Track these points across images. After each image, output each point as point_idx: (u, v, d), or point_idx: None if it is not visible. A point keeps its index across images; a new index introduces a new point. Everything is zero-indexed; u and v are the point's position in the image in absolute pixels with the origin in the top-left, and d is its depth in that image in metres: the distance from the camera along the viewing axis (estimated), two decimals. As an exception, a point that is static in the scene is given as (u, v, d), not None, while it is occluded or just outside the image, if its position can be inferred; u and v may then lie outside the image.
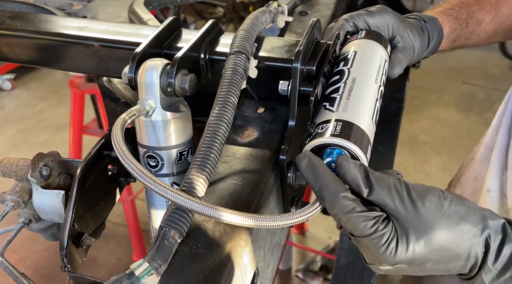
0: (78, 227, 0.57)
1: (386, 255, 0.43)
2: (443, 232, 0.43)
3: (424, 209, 0.42)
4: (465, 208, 0.44)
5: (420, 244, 0.43)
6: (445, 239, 0.43)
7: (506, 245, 0.44)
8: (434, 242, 0.43)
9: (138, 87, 0.54)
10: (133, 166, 0.42)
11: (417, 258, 0.44)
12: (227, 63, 0.52)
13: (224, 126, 0.47)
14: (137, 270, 0.38)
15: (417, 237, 0.43)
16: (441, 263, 0.45)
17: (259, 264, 0.49)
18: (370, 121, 0.51)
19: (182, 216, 0.42)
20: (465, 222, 0.43)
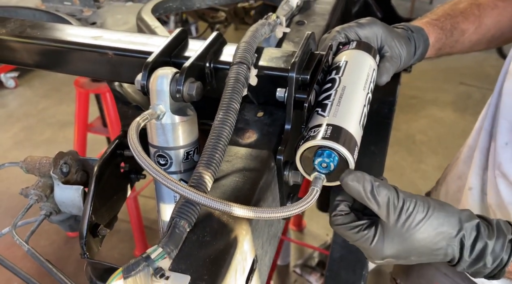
0: (94, 219, 0.63)
1: (373, 253, 0.54)
2: (424, 235, 0.52)
3: (408, 221, 0.52)
4: (444, 213, 0.53)
5: (403, 245, 0.53)
6: (425, 240, 0.53)
7: (479, 241, 0.53)
8: (415, 243, 0.53)
9: (149, 93, 0.60)
10: (148, 165, 0.48)
11: (401, 254, 0.54)
12: (230, 72, 0.58)
13: (227, 129, 0.54)
14: (153, 254, 0.44)
15: (400, 240, 0.52)
16: (423, 257, 0.54)
17: (258, 252, 0.55)
18: (357, 126, 0.57)
19: (191, 208, 0.48)
20: (443, 226, 0.53)
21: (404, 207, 0.52)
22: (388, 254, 0.53)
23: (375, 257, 0.54)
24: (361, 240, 0.54)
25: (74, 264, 2.35)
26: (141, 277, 0.43)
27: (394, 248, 0.53)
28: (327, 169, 0.53)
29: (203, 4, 1.12)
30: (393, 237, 0.52)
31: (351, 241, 0.55)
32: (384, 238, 0.53)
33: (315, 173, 0.54)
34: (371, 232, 0.53)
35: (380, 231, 0.53)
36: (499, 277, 0.55)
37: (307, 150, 0.54)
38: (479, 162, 0.85)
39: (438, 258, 0.54)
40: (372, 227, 0.53)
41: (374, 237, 0.53)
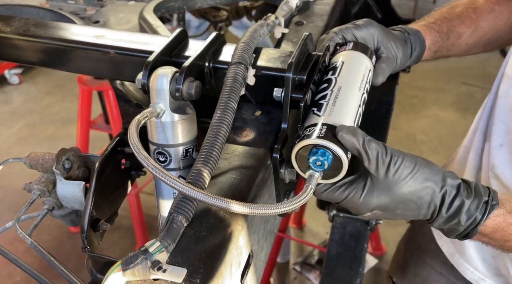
0: (95, 214, 0.65)
1: (362, 205, 0.57)
2: (410, 189, 0.55)
3: (397, 174, 0.55)
4: (430, 170, 0.56)
5: (391, 197, 0.56)
6: (411, 194, 0.56)
7: (457, 199, 0.56)
8: (401, 196, 0.56)
9: (150, 92, 0.62)
10: (146, 161, 0.50)
11: (388, 207, 0.57)
12: (228, 72, 0.60)
13: (225, 128, 0.55)
14: (151, 247, 0.46)
15: (388, 193, 0.55)
16: (408, 211, 0.58)
17: (254, 247, 0.57)
18: (352, 125, 0.59)
19: (188, 204, 0.49)
20: (428, 181, 0.56)
21: (392, 161, 0.54)
22: (376, 206, 0.56)
23: (364, 209, 0.57)
24: (350, 196, 0.56)
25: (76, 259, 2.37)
26: (139, 269, 0.45)
27: (382, 200, 0.56)
28: (321, 167, 0.55)
29: (204, 4, 1.14)
30: (382, 190, 0.55)
31: (339, 201, 0.58)
32: (374, 190, 0.55)
33: (310, 171, 0.55)
34: (359, 186, 0.56)
35: (370, 184, 0.56)
36: (471, 236, 0.59)
37: (302, 148, 0.56)
38: (474, 163, 0.86)
39: (422, 213, 0.57)
40: (359, 183, 0.56)
41: (363, 190, 0.56)
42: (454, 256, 0.93)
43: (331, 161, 0.54)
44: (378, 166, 0.54)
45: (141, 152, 0.50)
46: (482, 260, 0.89)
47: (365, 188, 0.56)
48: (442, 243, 0.96)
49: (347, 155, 0.55)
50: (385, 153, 0.55)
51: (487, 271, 0.89)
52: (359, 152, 0.54)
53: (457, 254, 0.92)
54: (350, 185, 0.57)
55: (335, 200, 0.58)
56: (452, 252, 0.93)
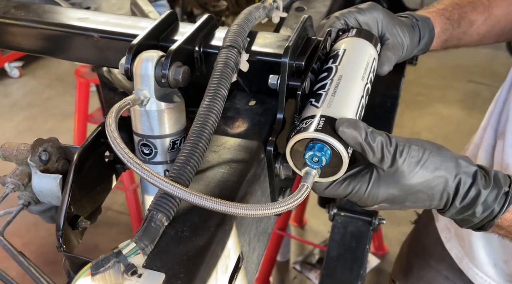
0: (74, 210, 0.59)
1: (369, 199, 0.52)
2: (419, 180, 0.50)
3: (404, 165, 0.50)
4: (441, 157, 0.51)
5: (399, 190, 0.51)
6: (421, 185, 0.51)
7: (473, 188, 0.51)
8: (410, 188, 0.51)
9: (133, 78, 0.57)
10: (123, 153, 0.44)
11: (396, 199, 0.52)
12: (219, 56, 0.54)
13: (213, 117, 0.50)
14: (125, 249, 0.41)
15: (396, 185, 0.51)
16: (418, 202, 0.53)
17: (244, 249, 0.52)
18: (353, 118, 0.53)
19: (170, 201, 0.44)
20: (440, 170, 0.51)
21: (397, 151, 0.50)
22: (384, 199, 0.52)
23: (371, 202, 0.53)
24: (354, 190, 0.52)
25: (72, 255, 2.33)
26: (110, 274, 0.40)
27: (390, 193, 0.51)
28: (318, 164, 0.49)
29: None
30: (389, 182, 0.51)
31: (344, 196, 0.53)
32: (380, 183, 0.51)
33: (306, 168, 0.50)
34: (364, 179, 0.52)
35: (376, 176, 0.51)
36: (487, 228, 0.54)
37: (298, 143, 0.50)
38: (484, 161, 0.81)
39: (433, 204, 0.53)
40: (364, 175, 0.52)
41: (369, 183, 0.51)
42: (463, 261, 0.88)
43: (330, 157, 0.49)
44: (384, 158, 0.50)
45: (117, 141, 0.45)
46: (493, 265, 0.83)
47: (370, 181, 0.51)
48: (450, 247, 0.90)
49: (347, 151, 0.50)
50: (389, 143, 0.50)
51: (498, 276, 0.84)
52: (362, 147, 0.49)
53: (466, 258, 0.87)
54: (354, 179, 0.52)
55: (338, 195, 0.54)
56: (461, 256, 0.88)
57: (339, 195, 0.53)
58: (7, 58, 3.97)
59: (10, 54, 3.98)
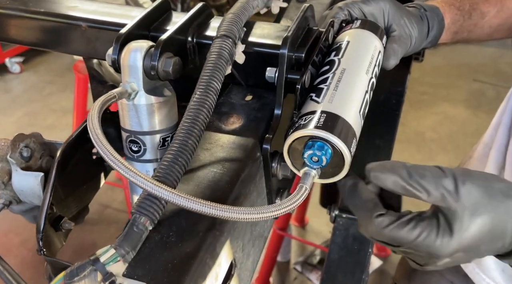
0: (57, 210, 0.56)
1: (441, 249, 0.43)
2: (491, 213, 0.43)
3: (470, 196, 0.42)
4: (506, 184, 0.44)
5: (473, 231, 0.43)
6: (494, 218, 0.43)
7: None
8: (486, 226, 0.43)
9: (121, 69, 0.53)
10: (104, 149, 0.41)
11: (472, 245, 0.43)
12: (212, 47, 0.50)
13: (205, 112, 0.46)
14: (103, 256, 0.37)
15: (469, 222, 0.42)
16: (493, 243, 0.44)
17: (237, 255, 0.48)
18: (357, 114, 0.49)
19: (154, 203, 0.41)
20: (510, 198, 0.43)
21: (458, 183, 0.42)
22: (458, 246, 0.43)
23: (442, 254, 0.43)
24: (422, 236, 0.42)
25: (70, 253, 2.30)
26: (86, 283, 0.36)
27: (463, 236, 0.42)
28: (318, 164, 0.45)
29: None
30: (461, 223, 0.42)
31: (408, 243, 0.43)
32: (450, 225, 0.42)
33: (305, 168, 0.46)
34: (432, 223, 0.43)
35: (443, 219, 0.43)
36: None
37: (297, 141, 0.46)
38: (496, 161, 0.77)
39: (507, 243, 0.44)
40: (430, 218, 0.43)
41: (439, 228, 0.42)
42: (469, 265, 0.84)
43: (331, 156, 0.45)
44: (444, 194, 0.42)
45: (98, 137, 0.42)
46: (501, 271, 0.79)
47: (440, 224, 0.43)
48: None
49: (350, 150, 0.46)
50: (444, 175, 0.43)
51: (506, 282, 0.80)
52: (408, 189, 0.43)
53: (473, 263, 0.83)
54: (421, 220, 0.43)
55: (401, 239, 0.43)
56: (468, 262, 0.84)
57: (401, 238, 0.43)
58: (8, 53, 3.94)
59: (11, 49, 3.95)
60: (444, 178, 0.43)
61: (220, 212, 0.39)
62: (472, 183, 0.43)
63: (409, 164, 0.43)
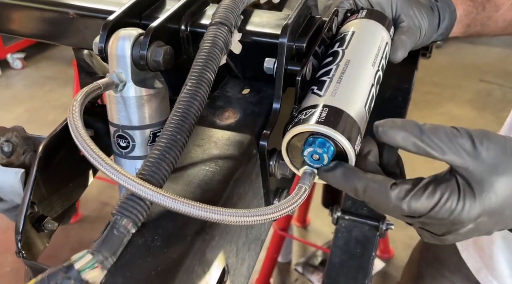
0: (40, 209, 0.52)
1: (463, 213, 0.39)
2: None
3: (489, 154, 0.38)
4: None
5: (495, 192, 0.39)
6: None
7: None
8: (507, 184, 0.39)
9: (108, 59, 0.49)
10: (83, 143, 0.37)
11: (496, 208, 0.39)
12: (206, 34, 0.47)
13: (196, 105, 0.42)
14: (78, 262, 0.33)
15: (492, 187, 0.39)
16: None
17: (230, 260, 0.44)
18: (362, 109, 0.45)
19: (138, 204, 0.37)
20: None
21: (476, 140, 0.38)
22: (481, 208, 0.39)
23: (466, 218, 0.39)
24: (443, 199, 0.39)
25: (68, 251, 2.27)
26: (58, 293, 0.32)
27: (485, 199, 0.39)
28: (319, 163, 0.42)
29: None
30: (481, 185, 0.39)
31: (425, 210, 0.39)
32: (470, 186, 0.38)
33: (305, 167, 0.42)
34: (452, 186, 0.39)
35: (462, 181, 0.39)
36: None
37: (296, 137, 0.43)
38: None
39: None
40: (449, 181, 0.39)
41: (459, 190, 0.39)
42: (481, 272, 0.80)
43: (333, 154, 0.41)
44: (460, 152, 0.38)
45: (78, 129, 0.38)
46: (514, 277, 0.75)
47: (460, 186, 0.39)
48: (467, 256, 0.82)
49: (354, 147, 0.42)
50: (459, 133, 0.39)
51: (518, 289, 0.76)
52: (420, 146, 0.39)
53: (485, 269, 0.79)
54: (439, 184, 0.40)
55: (421, 208, 0.39)
56: (479, 268, 0.80)
57: (421, 207, 0.39)
58: (10, 49, 3.92)
59: (13, 45, 3.93)
60: (459, 137, 0.39)
61: (209, 214, 0.35)
62: (490, 141, 0.39)
63: (421, 123, 0.40)
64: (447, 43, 3.93)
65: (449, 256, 0.87)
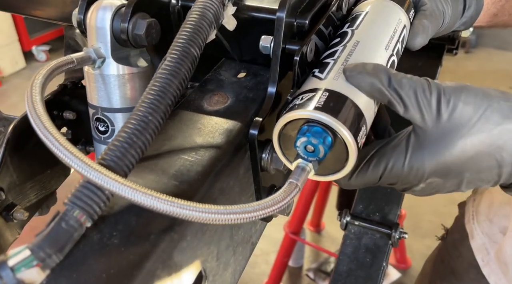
0: (9, 197, 0.47)
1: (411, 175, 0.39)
2: (482, 136, 0.37)
3: (454, 117, 0.37)
4: (509, 104, 0.38)
5: (451, 154, 0.38)
6: (484, 144, 0.37)
7: None
8: (469, 151, 0.37)
9: (87, 32, 0.44)
10: (38, 121, 0.32)
11: (451, 170, 0.38)
12: (195, 5, 0.41)
13: (175, 84, 0.36)
14: (12, 259, 0.28)
15: (447, 148, 0.38)
16: (483, 172, 0.38)
17: (209, 264, 0.38)
18: (373, 111, 0.39)
19: (95, 193, 0.31)
20: (508, 120, 0.37)
21: (442, 99, 0.37)
22: (432, 170, 0.38)
23: (414, 179, 0.39)
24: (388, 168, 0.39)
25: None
26: (-15, 294, 0.27)
27: (439, 161, 0.38)
28: (314, 155, 0.36)
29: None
30: (437, 146, 0.37)
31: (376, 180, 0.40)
32: (424, 149, 0.38)
33: (299, 160, 0.36)
34: (399, 149, 0.39)
35: (414, 142, 0.38)
36: None
37: (289, 125, 0.37)
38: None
39: (504, 173, 0.38)
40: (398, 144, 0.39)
41: (407, 152, 0.38)
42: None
43: (330, 146, 0.35)
44: (422, 111, 0.37)
45: (33, 104, 0.33)
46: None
47: (408, 148, 0.38)
48: (489, 272, 0.74)
49: (356, 140, 0.36)
50: (428, 90, 0.37)
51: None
52: (384, 95, 0.37)
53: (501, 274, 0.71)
54: (384, 153, 0.39)
55: (370, 182, 0.41)
56: (502, 286, 0.72)
57: (369, 181, 0.41)
58: (35, 41, 3.97)
59: (38, 37, 3.98)
60: (427, 93, 0.37)
61: (175, 209, 0.30)
62: (460, 100, 0.37)
63: (395, 71, 0.38)
64: (477, 48, 3.79)
65: (466, 271, 0.79)
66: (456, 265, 0.83)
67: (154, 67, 0.47)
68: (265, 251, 2.10)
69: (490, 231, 0.75)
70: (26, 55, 3.96)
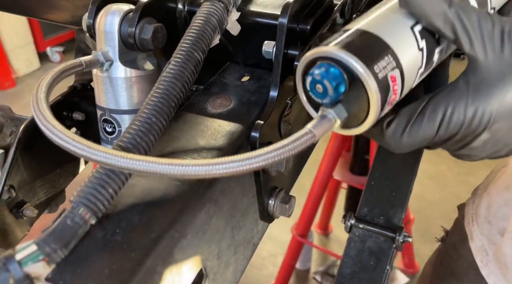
0: (20, 194, 0.49)
1: (475, 120, 0.34)
2: None
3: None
4: None
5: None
6: None
7: None
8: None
9: (96, 36, 0.46)
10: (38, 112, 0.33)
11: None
12: (200, 11, 0.42)
13: (179, 87, 0.38)
14: (20, 253, 0.29)
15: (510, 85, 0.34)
16: None
17: (210, 263, 0.39)
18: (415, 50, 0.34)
19: (99, 192, 0.33)
20: None
21: (505, 32, 0.33)
22: (499, 111, 0.34)
23: (478, 123, 0.34)
24: (448, 112, 0.34)
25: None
26: (-7, 286, 0.28)
27: (506, 100, 0.33)
28: (324, 97, 0.32)
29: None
30: (502, 84, 0.33)
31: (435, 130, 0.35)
32: (487, 86, 0.33)
33: (322, 109, 0.33)
34: (458, 91, 0.34)
35: (474, 81, 0.34)
36: None
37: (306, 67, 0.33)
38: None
39: None
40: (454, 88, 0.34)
41: (468, 93, 0.33)
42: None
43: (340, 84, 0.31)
44: (485, 45, 0.33)
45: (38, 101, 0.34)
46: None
47: (469, 89, 0.34)
48: (488, 273, 0.74)
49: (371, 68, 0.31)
50: (491, 21, 0.33)
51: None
52: (448, 19, 0.33)
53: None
54: (440, 99, 0.34)
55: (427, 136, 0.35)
56: (502, 287, 0.72)
57: (425, 135, 0.35)
58: (49, 42, 4.02)
59: (53, 39, 4.03)
60: (489, 23, 0.33)
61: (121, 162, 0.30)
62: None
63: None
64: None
65: (465, 272, 0.79)
66: (456, 266, 0.83)
67: (161, 70, 0.48)
68: (273, 253, 2.10)
69: (489, 232, 0.75)
70: (40, 56, 4.01)
